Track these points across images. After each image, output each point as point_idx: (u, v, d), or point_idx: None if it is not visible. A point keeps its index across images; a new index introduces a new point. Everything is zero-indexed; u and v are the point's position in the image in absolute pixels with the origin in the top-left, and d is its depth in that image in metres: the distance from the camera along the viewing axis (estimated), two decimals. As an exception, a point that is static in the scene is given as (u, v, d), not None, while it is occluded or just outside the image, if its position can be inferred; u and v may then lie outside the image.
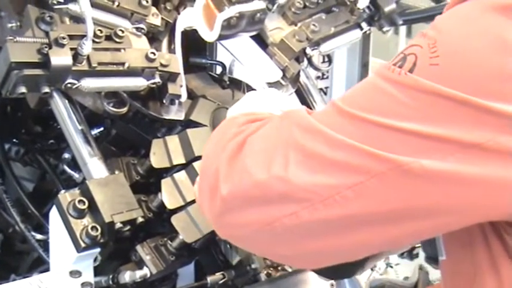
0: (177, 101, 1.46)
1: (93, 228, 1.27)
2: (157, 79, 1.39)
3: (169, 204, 1.41)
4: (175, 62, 1.43)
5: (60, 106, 1.37)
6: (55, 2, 1.34)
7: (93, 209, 1.29)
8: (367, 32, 1.71)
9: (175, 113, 1.46)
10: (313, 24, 1.59)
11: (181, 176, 1.42)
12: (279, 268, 1.61)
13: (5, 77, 1.25)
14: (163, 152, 1.45)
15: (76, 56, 1.27)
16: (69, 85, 1.29)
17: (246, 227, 0.97)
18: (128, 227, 1.33)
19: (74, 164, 1.53)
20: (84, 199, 1.29)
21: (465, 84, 0.83)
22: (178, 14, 1.53)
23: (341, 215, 0.89)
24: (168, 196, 1.41)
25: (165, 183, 1.42)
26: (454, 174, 0.84)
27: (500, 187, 0.85)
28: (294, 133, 0.93)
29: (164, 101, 1.44)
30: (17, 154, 1.70)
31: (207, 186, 1.02)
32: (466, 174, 0.84)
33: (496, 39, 0.84)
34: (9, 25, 1.39)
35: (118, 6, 1.42)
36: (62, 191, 1.32)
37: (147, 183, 1.48)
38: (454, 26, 0.88)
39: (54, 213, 1.31)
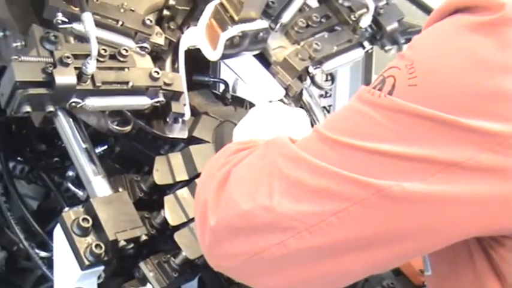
0: (180, 120, 1.46)
1: (97, 246, 1.27)
2: (161, 98, 1.40)
3: (172, 221, 1.41)
4: (179, 81, 1.44)
5: (64, 125, 1.38)
6: (60, 22, 1.35)
7: (97, 227, 1.30)
8: (370, 51, 1.71)
9: (178, 132, 1.47)
10: (316, 43, 1.60)
11: (183, 192, 1.43)
12: None
13: (10, 96, 1.26)
14: (166, 168, 1.46)
15: (80, 75, 1.28)
16: (73, 104, 1.30)
17: (234, 257, 0.97)
18: (131, 245, 1.33)
19: (78, 182, 1.53)
20: (88, 217, 1.29)
21: (443, 103, 0.84)
22: (182, 33, 1.54)
23: (327, 242, 0.89)
24: (171, 213, 1.41)
25: (168, 200, 1.42)
26: (436, 195, 0.84)
27: (484, 204, 0.86)
28: (278, 162, 0.94)
29: (168, 120, 1.45)
30: (21, 172, 1.71)
31: (197, 216, 1.03)
32: (448, 194, 0.84)
33: (472, 56, 0.84)
34: (14, 44, 1.40)
35: (122, 25, 1.43)
36: (66, 209, 1.33)
37: (150, 200, 1.49)
38: (429, 45, 0.89)
39: (58, 231, 1.31)
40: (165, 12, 1.54)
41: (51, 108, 1.29)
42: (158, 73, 1.38)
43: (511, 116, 0.83)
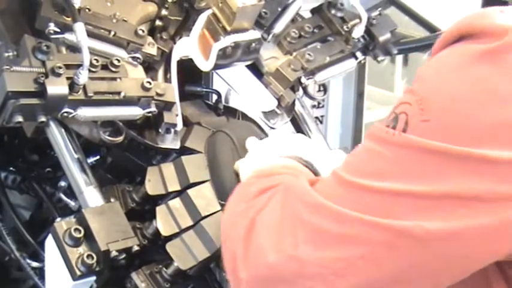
0: (172, 130, 1.46)
1: (88, 256, 1.27)
2: (153, 108, 1.40)
3: (164, 231, 1.41)
4: (171, 91, 1.44)
5: (56, 135, 1.37)
6: (52, 32, 1.35)
7: (88, 237, 1.29)
8: (362, 62, 1.72)
9: (170, 142, 1.47)
10: (309, 54, 1.61)
11: (175, 203, 1.43)
12: None
13: (2, 106, 1.26)
14: (159, 179, 1.46)
15: (72, 85, 1.28)
16: (65, 114, 1.29)
17: None
18: (123, 255, 1.33)
19: (70, 192, 1.52)
20: (80, 227, 1.29)
21: (457, 136, 0.84)
22: (174, 43, 1.54)
23: (354, 284, 0.90)
24: (163, 223, 1.41)
25: (160, 210, 1.42)
26: (458, 230, 0.84)
27: (505, 231, 0.85)
28: (299, 210, 0.94)
29: (160, 130, 1.45)
30: (13, 182, 1.70)
31: (229, 271, 1.04)
32: (470, 228, 0.84)
33: (480, 87, 0.84)
34: (6, 54, 1.39)
35: (114, 35, 1.43)
36: (58, 219, 1.34)
37: (142, 211, 1.48)
38: (438, 78, 0.89)
39: (50, 242, 1.31)
40: (158, 22, 1.54)
41: (43, 119, 1.29)
42: (150, 83, 1.38)
43: None
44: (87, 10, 1.42)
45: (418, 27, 2.05)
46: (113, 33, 1.43)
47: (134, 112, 1.38)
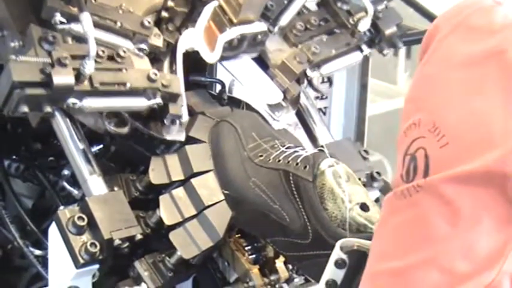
0: (178, 121, 1.46)
1: (92, 244, 1.28)
2: (159, 99, 1.40)
3: (168, 221, 1.41)
4: (177, 83, 1.43)
5: (61, 125, 1.38)
6: (58, 22, 1.35)
7: (92, 225, 1.30)
8: (368, 55, 1.71)
9: (176, 133, 1.46)
10: (314, 46, 1.60)
11: (179, 192, 1.43)
12: (277, 286, 1.59)
13: (7, 96, 1.26)
14: (162, 168, 1.46)
15: (78, 75, 1.28)
16: (71, 105, 1.29)
17: None
18: (126, 244, 1.34)
19: (74, 181, 1.54)
20: (84, 216, 1.30)
21: (483, 149, 0.77)
22: (180, 35, 1.53)
23: None
24: (166, 212, 1.42)
25: (163, 199, 1.43)
26: None
27: None
28: None
29: (165, 121, 1.45)
30: (16, 171, 1.70)
31: None
32: None
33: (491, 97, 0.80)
34: (12, 44, 1.39)
35: (120, 26, 1.42)
36: (61, 208, 1.33)
37: (145, 200, 1.49)
38: (438, 96, 0.85)
39: (53, 230, 1.32)
40: (164, 13, 1.53)
41: (48, 109, 1.29)
42: (156, 75, 1.37)
43: None
44: (93, 1, 1.41)
45: (424, 20, 2.04)
46: (119, 24, 1.42)
47: (140, 103, 1.38)
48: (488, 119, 0.78)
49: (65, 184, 1.59)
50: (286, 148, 1.43)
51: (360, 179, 1.39)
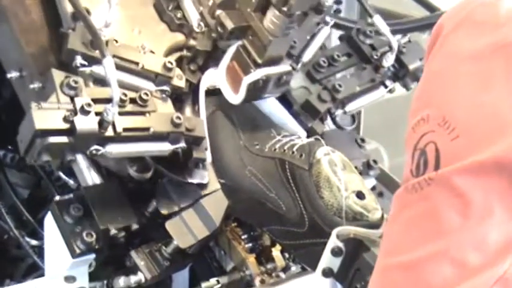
0: (201, 165, 1.44)
1: (88, 234, 1.31)
2: (183, 143, 1.36)
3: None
4: (201, 126, 1.41)
5: (82, 167, 1.38)
6: (78, 65, 1.32)
7: (88, 215, 1.32)
8: (392, 90, 1.68)
9: (199, 176, 1.44)
10: (338, 84, 1.56)
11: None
12: (273, 275, 1.60)
13: (30, 144, 1.22)
14: None
15: (102, 122, 1.23)
16: (94, 152, 1.25)
17: None
18: (122, 234, 1.36)
19: (69, 171, 1.53)
20: (79, 205, 1.32)
21: (494, 139, 0.77)
22: (202, 74, 1.51)
23: None
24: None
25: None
26: None
27: None
28: None
29: (189, 165, 1.42)
30: (12, 161, 1.72)
31: None
32: None
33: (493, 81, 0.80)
34: (32, 86, 1.37)
35: (142, 68, 1.39)
36: (57, 197, 1.35)
37: (141, 190, 1.47)
38: (447, 91, 0.84)
39: (49, 220, 1.33)
40: (186, 53, 1.50)
41: (71, 157, 1.26)
42: (180, 118, 1.34)
43: None
44: (114, 42, 1.38)
45: (418, 7, 1.99)
46: (141, 65, 1.39)
47: (163, 148, 1.35)
48: (498, 111, 0.78)
49: (61, 174, 1.58)
50: (282, 137, 1.44)
51: (356, 167, 1.39)
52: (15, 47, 1.39)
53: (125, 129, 1.28)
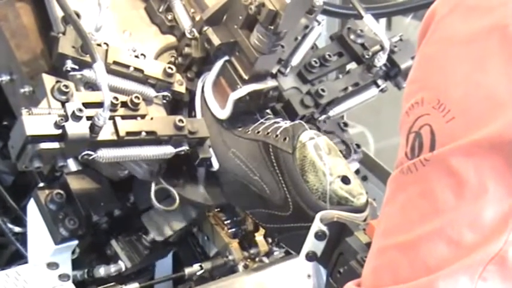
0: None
1: (70, 220, 1.32)
2: (186, 146, 1.36)
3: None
4: (204, 127, 1.39)
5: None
6: (69, 69, 1.31)
7: (70, 201, 1.34)
8: (384, 90, 1.67)
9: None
10: (321, 89, 1.55)
11: None
12: (257, 259, 1.62)
13: (21, 151, 1.21)
14: None
15: (93, 127, 1.22)
16: (85, 156, 1.24)
17: None
18: (105, 219, 1.38)
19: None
20: (62, 192, 1.33)
21: (489, 119, 0.77)
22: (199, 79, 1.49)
23: None
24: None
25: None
26: None
27: None
28: None
29: (196, 164, 1.41)
30: None
31: None
32: None
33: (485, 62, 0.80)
34: (22, 90, 1.36)
35: (143, 74, 1.38)
36: (40, 184, 1.36)
37: (123, 181, 1.47)
38: (441, 74, 0.84)
39: (31, 206, 1.35)
40: (181, 60, 1.49)
41: (62, 163, 1.25)
42: (182, 122, 1.33)
43: None
44: (111, 47, 1.36)
45: None
46: (141, 71, 1.38)
47: (166, 151, 1.34)
48: (493, 91, 0.78)
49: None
50: (265, 119, 1.44)
51: (341, 152, 1.39)
52: (5, 50, 1.39)
53: (128, 133, 1.27)
